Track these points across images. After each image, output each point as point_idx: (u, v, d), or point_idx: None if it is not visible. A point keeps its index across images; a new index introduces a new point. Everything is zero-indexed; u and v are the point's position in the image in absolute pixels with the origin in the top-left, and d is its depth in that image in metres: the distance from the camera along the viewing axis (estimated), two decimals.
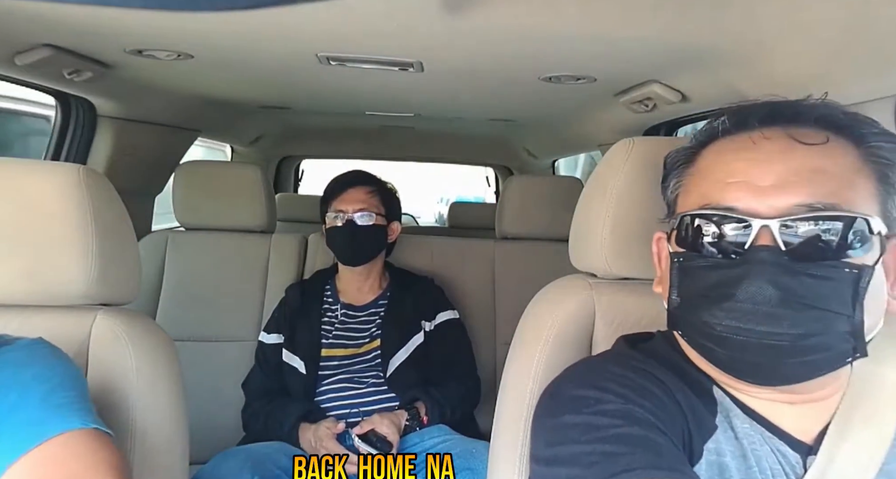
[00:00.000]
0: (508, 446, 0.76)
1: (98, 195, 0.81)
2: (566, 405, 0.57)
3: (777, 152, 0.54)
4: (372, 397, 1.44)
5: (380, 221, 1.53)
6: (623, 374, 0.58)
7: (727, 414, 0.58)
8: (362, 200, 1.52)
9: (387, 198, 1.58)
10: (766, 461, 0.55)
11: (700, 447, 0.56)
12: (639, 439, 0.51)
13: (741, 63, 0.99)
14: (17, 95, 2.13)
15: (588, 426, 0.53)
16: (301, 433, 1.36)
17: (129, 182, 1.71)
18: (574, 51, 1.06)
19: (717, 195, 0.55)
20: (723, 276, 0.53)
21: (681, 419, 0.56)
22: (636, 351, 0.64)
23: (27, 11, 0.94)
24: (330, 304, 1.57)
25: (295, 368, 1.47)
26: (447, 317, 1.57)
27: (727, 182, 0.55)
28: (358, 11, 0.88)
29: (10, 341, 0.69)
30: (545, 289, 0.86)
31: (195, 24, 0.99)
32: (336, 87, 1.54)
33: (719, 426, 0.57)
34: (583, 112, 1.75)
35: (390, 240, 1.60)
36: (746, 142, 0.56)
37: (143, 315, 0.89)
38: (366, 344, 1.50)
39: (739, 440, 0.56)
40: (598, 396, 0.55)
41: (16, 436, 0.58)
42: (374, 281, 1.59)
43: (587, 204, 0.83)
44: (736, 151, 0.56)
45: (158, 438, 0.81)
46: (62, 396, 0.63)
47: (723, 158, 0.57)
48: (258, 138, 2.69)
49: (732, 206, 0.54)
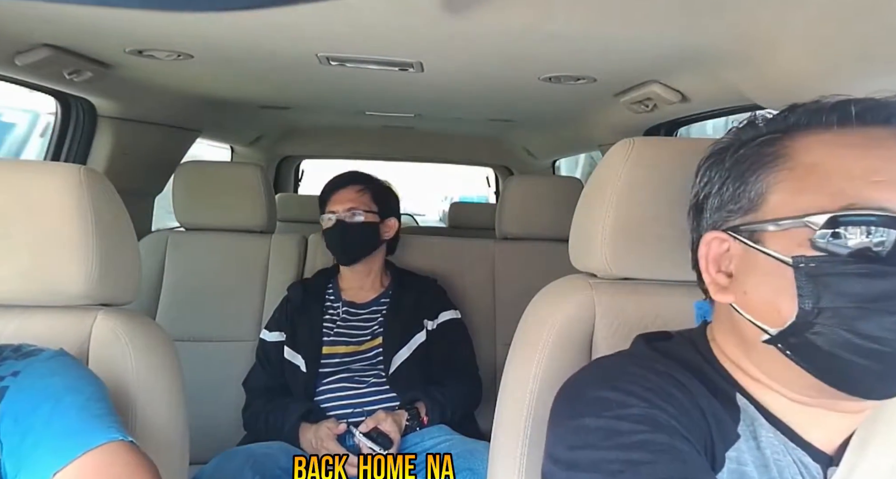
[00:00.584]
0: (508, 446, 0.76)
1: (98, 195, 0.81)
2: (587, 406, 0.55)
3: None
4: (372, 397, 1.44)
5: (370, 219, 1.54)
6: (644, 375, 0.56)
7: (751, 422, 0.56)
8: (351, 199, 1.54)
9: (379, 195, 1.59)
10: (788, 472, 0.55)
11: (722, 455, 0.54)
12: (663, 446, 0.50)
13: (741, 63, 0.99)
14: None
15: (610, 430, 0.51)
16: (301, 433, 1.36)
17: (129, 182, 1.71)
18: (574, 51, 1.06)
19: (865, 194, 0.49)
20: (888, 285, 0.48)
21: (703, 425, 0.54)
22: (656, 352, 0.61)
23: (27, 11, 0.94)
24: (332, 302, 1.57)
25: (296, 366, 1.47)
26: (450, 316, 1.58)
27: (872, 180, 0.50)
28: (358, 11, 0.88)
29: (36, 352, 0.69)
30: (545, 289, 0.86)
31: (195, 24, 0.99)
32: (336, 87, 1.54)
33: (742, 435, 0.55)
34: (583, 112, 1.75)
35: (386, 237, 1.59)
36: (864, 138, 0.52)
37: (143, 315, 0.89)
38: (367, 342, 1.50)
39: (762, 450, 0.55)
40: (621, 399, 0.53)
41: (59, 446, 0.59)
42: (375, 279, 1.59)
43: (587, 204, 0.83)
44: (861, 147, 0.51)
45: (158, 438, 0.81)
46: (98, 407, 0.64)
47: (846, 152, 0.52)
48: (258, 138, 2.69)
49: (885, 206, 0.49)
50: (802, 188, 0.53)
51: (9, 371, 0.65)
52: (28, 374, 0.65)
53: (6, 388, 0.63)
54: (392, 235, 1.61)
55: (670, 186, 0.76)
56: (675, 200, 0.76)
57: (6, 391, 0.63)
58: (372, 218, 1.54)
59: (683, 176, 0.77)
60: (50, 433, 0.60)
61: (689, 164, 0.78)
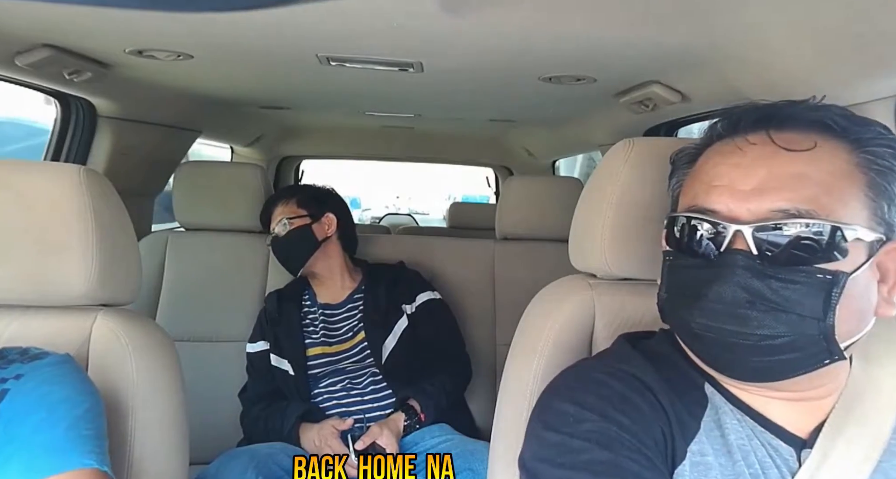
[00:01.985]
0: (508, 446, 0.76)
1: (99, 196, 0.81)
2: (551, 418, 0.59)
3: (761, 157, 0.55)
4: (371, 395, 1.44)
5: (299, 223, 1.55)
6: (605, 382, 0.60)
7: (716, 411, 0.59)
8: (279, 213, 1.59)
9: (306, 199, 1.60)
10: (755, 456, 0.56)
11: (683, 449, 0.57)
12: (605, 466, 0.53)
13: (741, 63, 0.99)
14: None
15: (563, 447, 0.56)
16: (303, 433, 1.36)
17: (129, 182, 1.71)
18: (574, 51, 1.06)
19: (703, 198, 0.57)
20: (699, 276, 0.56)
21: (661, 423, 0.58)
22: (634, 350, 0.65)
23: (27, 12, 0.94)
24: (308, 306, 1.58)
25: (285, 371, 1.48)
26: (427, 298, 1.58)
27: (712, 185, 0.57)
28: (358, 11, 0.88)
29: (42, 355, 0.70)
30: (545, 290, 0.86)
31: (195, 24, 0.99)
32: (336, 87, 1.54)
33: (704, 427, 0.58)
34: (583, 112, 1.75)
35: (327, 233, 1.58)
36: (734, 147, 0.57)
37: (143, 316, 0.89)
38: (350, 339, 1.51)
39: (725, 437, 0.57)
40: (576, 413, 0.57)
41: (36, 459, 0.60)
42: (342, 278, 1.60)
43: (587, 204, 0.83)
44: (724, 155, 0.58)
45: (158, 438, 0.81)
46: (86, 428, 0.65)
47: (713, 161, 0.59)
48: (258, 138, 2.69)
49: (714, 209, 0.56)
50: (685, 192, 0.62)
51: (12, 374, 0.65)
52: (30, 378, 0.65)
53: (6, 391, 0.64)
54: (334, 231, 1.59)
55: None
56: None
57: (6, 394, 0.63)
58: (300, 222, 1.56)
59: None
60: (30, 445, 0.61)
61: None
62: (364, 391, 1.44)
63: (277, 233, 1.56)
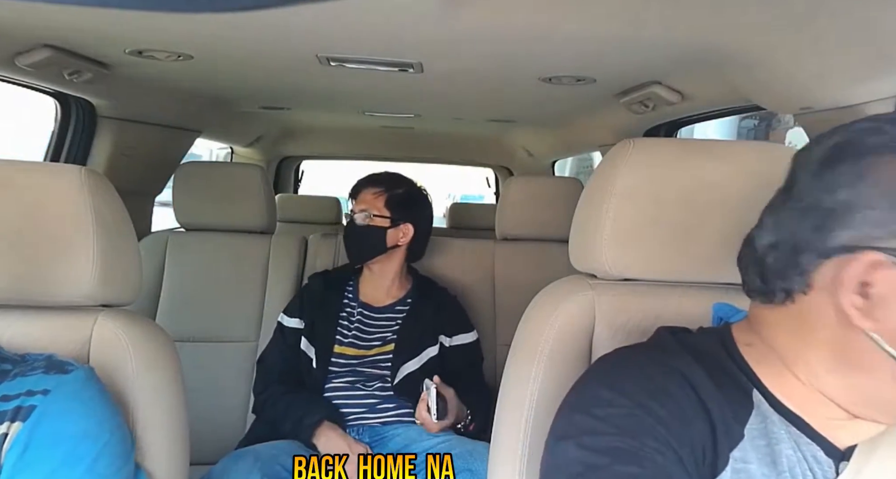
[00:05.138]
0: (508, 447, 0.76)
1: (99, 196, 0.81)
2: (584, 402, 0.58)
3: None
4: (379, 405, 1.43)
5: (378, 222, 1.52)
6: (647, 372, 0.57)
7: (762, 419, 0.57)
8: (366, 201, 1.55)
9: (395, 200, 1.55)
10: (799, 468, 0.55)
11: (726, 455, 0.55)
12: (631, 455, 0.52)
13: (741, 64, 0.99)
14: None
15: (590, 429, 0.54)
16: (322, 432, 1.34)
17: (129, 183, 1.71)
18: (574, 51, 1.06)
19: None
20: None
21: (705, 425, 0.55)
22: (679, 344, 0.62)
23: (27, 12, 0.94)
24: (349, 300, 1.56)
25: (309, 358, 1.47)
26: (468, 340, 1.56)
27: None
28: (358, 12, 0.88)
29: (66, 367, 0.68)
30: (545, 290, 0.86)
31: (195, 24, 0.99)
32: (336, 87, 1.54)
33: (748, 434, 0.56)
34: (583, 113, 1.75)
35: (400, 243, 1.55)
36: None
37: (143, 316, 0.89)
38: (377, 347, 1.48)
39: (771, 446, 0.56)
40: (612, 398, 0.55)
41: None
42: (392, 284, 1.57)
43: (587, 205, 0.83)
44: None
45: (159, 439, 0.81)
46: (106, 464, 0.64)
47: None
48: (258, 139, 2.69)
49: None
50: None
51: (39, 387, 0.64)
52: (56, 398, 0.63)
53: (34, 407, 0.62)
54: (407, 241, 1.56)
55: (670, 187, 0.76)
56: (675, 201, 0.76)
57: (33, 411, 0.62)
58: (380, 222, 1.52)
59: (683, 176, 0.77)
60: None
61: (690, 164, 0.78)
62: (373, 398, 1.43)
63: (356, 219, 1.53)
